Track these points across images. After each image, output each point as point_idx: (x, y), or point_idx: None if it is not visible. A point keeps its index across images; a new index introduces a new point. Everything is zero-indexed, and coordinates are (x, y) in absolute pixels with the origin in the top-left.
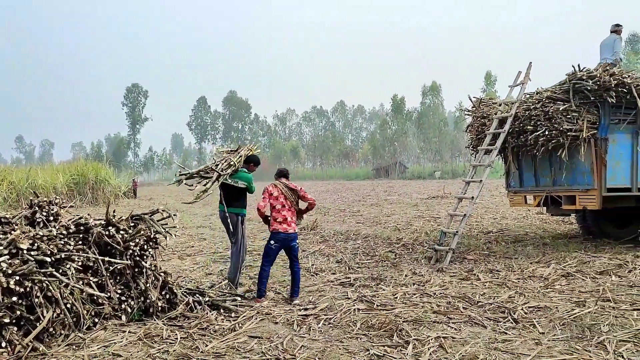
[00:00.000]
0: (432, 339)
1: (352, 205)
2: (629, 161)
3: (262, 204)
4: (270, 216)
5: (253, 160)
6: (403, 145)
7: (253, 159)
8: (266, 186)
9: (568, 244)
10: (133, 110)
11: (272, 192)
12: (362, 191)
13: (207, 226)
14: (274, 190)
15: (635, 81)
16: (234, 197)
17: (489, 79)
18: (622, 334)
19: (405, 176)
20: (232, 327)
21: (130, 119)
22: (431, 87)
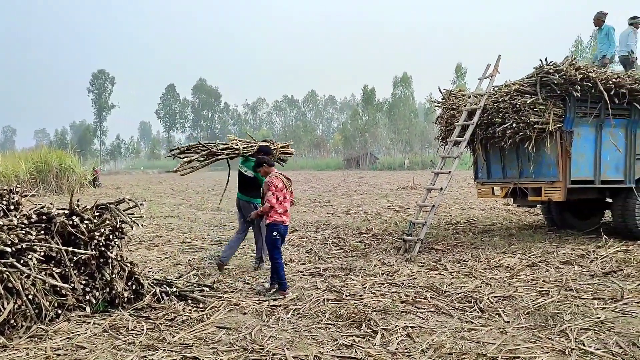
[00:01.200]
0: (399, 329)
1: (322, 195)
2: (593, 154)
3: (274, 201)
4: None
5: (263, 149)
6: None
7: (263, 148)
8: (270, 179)
9: (533, 235)
10: (99, 97)
11: (277, 185)
12: (333, 181)
13: (176, 216)
14: (278, 182)
15: (600, 75)
16: (248, 185)
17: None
18: (583, 322)
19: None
20: (199, 317)
21: (96, 106)
22: (402, 78)
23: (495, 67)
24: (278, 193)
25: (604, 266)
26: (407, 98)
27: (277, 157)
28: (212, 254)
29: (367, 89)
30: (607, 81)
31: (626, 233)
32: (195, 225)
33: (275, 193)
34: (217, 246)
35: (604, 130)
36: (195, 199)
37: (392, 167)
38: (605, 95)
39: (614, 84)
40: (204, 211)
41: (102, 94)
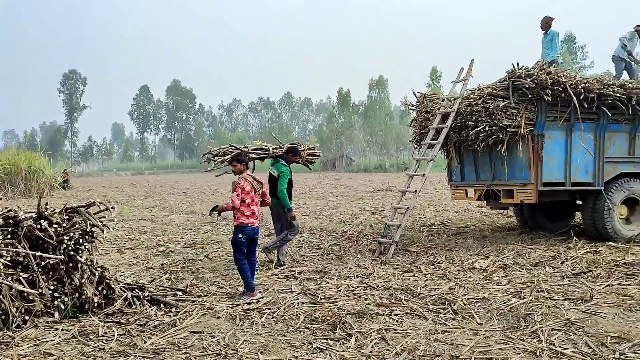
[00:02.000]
0: (374, 331)
1: (298, 197)
2: (563, 157)
3: (237, 202)
4: (237, 210)
5: (292, 150)
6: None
7: (291, 149)
8: (237, 181)
9: (506, 237)
10: (70, 98)
11: (245, 187)
12: (309, 184)
13: (149, 219)
14: (246, 184)
15: (570, 80)
16: (274, 187)
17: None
18: (553, 323)
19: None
20: (172, 322)
21: (67, 107)
22: (378, 80)
23: (469, 70)
24: (245, 195)
25: (574, 267)
26: (382, 101)
27: (305, 159)
28: (185, 257)
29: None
30: (576, 86)
31: (595, 234)
32: (169, 228)
33: (239, 194)
34: (191, 249)
35: (574, 134)
36: (169, 202)
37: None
38: (574, 100)
39: (583, 89)
40: (177, 214)
41: (74, 94)
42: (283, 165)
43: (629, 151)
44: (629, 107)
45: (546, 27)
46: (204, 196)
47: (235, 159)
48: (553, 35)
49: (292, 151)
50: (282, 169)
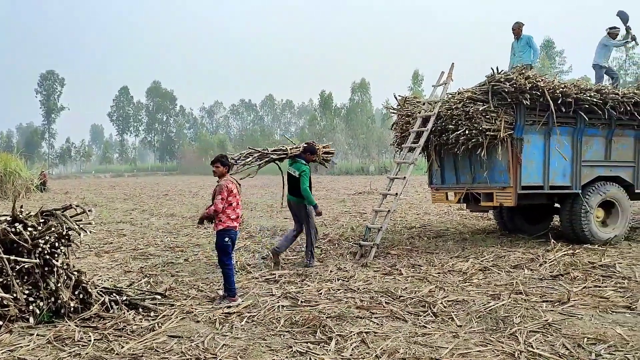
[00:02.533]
0: (354, 334)
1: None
2: (542, 161)
3: (220, 206)
4: (223, 213)
5: (309, 149)
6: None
7: (309, 148)
8: (223, 184)
9: (486, 239)
10: (48, 99)
11: (232, 190)
12: None
13: (128, 221)
14: (233, 187)
15: (548, 85)
16: (295, 186)
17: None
18: (532, 325)
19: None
20: (150, 326)
21: (44, 108)
22: (360, 84)
23: (449, 74)
24: (232, 198)
25: (552, 270)
26: (364, 104)
27: (321, 157)
28: (165, 260)
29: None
30: (554, 90)
31: (573, 237)
32: (149, 231)
33: (224, 198)
34: (171, 252)
35: (552, 138)
36: (149, 204)
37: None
38: (552, 104)
39: (561, 93)
40: (157, 217)
41: (51, 95)
42: (303, 164)
43: (605, 155)
44: (605, 111)
45: (518, 32)
46: (184, 199)
47: (220, 160)
48: (528, 39)
49: (310, 150)
50: (303, 167)
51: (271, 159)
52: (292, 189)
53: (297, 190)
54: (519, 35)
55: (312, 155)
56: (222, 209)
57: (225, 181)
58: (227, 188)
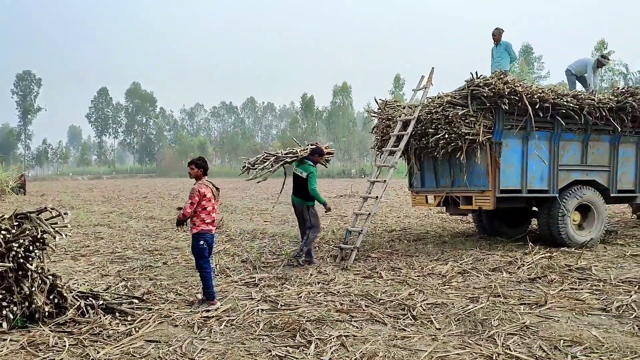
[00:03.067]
0: (334, 338)
1: (260, 203)
2: (520, 165)
3: (189, 210)
4: (197, 217)
5: (317, 151)
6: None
7: (316, 150)
8: (196, 188)
9: (465, 242)
10: (24, 99)
11: (206, 194)
12: (271, 189)
13: (106, 224)
14: (207, 190)
15: (526, 90)
16: (300, 187)
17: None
18: (509, 327)
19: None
20: (127, 331)
21: (20, 109)
22: (342, 87)
23: (429, 79)
24: (206, 202)
25: (530, 272)
26: (346, 107)
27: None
28: (143, 264)
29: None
30: (532, 95)
31: (550, 240)
32: (127, 234)
33: (194, 203)
34: (149, 256)
35: (530, 142)
36: (127, 207)
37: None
38: (530, 109)
39: (538, 98)
40: (136, 219)
41: (28, 96)
42: (311, 165)
43: (581, 159)
44: (581, 116)
45: (498, 38)
46: (164, 201)
47: (194, 162)
48: (507, 45)
49: (318, 152)
50: (311, 169)
51: (285, 161)
52: (297, 189)
53: (302, 191)
54: (499, 41)
55: (320, 157)
56: (197, 213)
57: (199, 185)
58: (198, 192)
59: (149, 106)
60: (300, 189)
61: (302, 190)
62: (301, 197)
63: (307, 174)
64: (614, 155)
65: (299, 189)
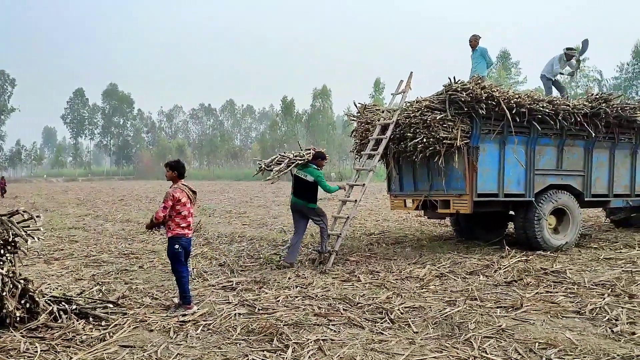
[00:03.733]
0: (311, 342)
1: (238, 206)
2: (497, 169)
3: (161, 214)
4: (172, 221)
5: (320, 155)
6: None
7: (319, 154)
8: (171, 192)
9: (443, 246)
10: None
11: (180, 198)
12: (250, 192)
13: (80, 227)
14: (181, 195)
15: (503, 95)
16: (302, 190)
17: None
18: (486, 330)
19: None
20: (101, 336)
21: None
22: (322, 90)
23: (408, 83)
24: (181, 207)
25: (507, 276)
26: (326, 110)
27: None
28: (118, 267)
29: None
30: (509, 100)
31: (526, 243)
32: (102, 238)
33: (167, 207)
34: (125, 259)
35: (507, 147)
36: (103, 210)
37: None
38: (507, 114)
39: (515, 104)
40: (112, 222)
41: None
42: (316, 169)
43: (557, 164)
44: (557, 122)
45: (474, 44)
46: (141, 204)
47: (169, 164)
48: (483, 51)
49: (321, 157)
50: (317, 172)
51: (297, 163)
52: (299, 192)
53: (305, 193)
54: (475, 47)
55: (323, 160)
56: (172, 217)
57: (174, 189)
58: (172, 197)
59: (126, 107)
60: (302, 191)
61: (305, 192)
62: (304, 199)
63: (314, 178)
64: (588, 160)
65: (301, 191)
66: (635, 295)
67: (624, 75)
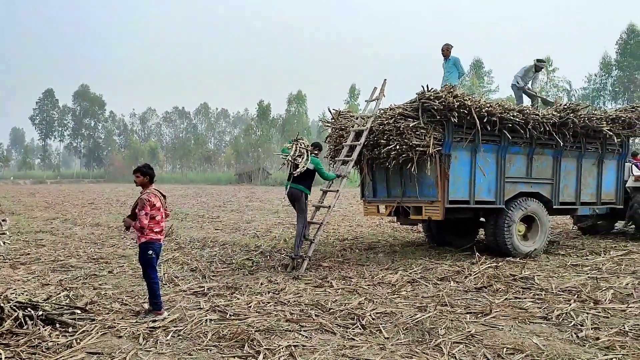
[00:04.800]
0: (283, 348)
1: (211, 210)
2: (468, 176)
3: (145, 222)
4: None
5: (318, 146)
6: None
7: (317, 145)
8: (146, 197)
9: (415, 252)
10: None
11: (155, 203)
12: (224, 196)
13: (48, 231)
14: (156, 200)
15: (475, 104)
16: (301, 177)
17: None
18: (455, 336)
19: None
20: (68, 343)
21: None
22: (297, 95)
23: (381, 90)
24: (155, 212)
25: (477, 282)
26: (301, 115)
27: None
28: (87, 272)
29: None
30: (480, 109)
31: (496, 250)
32: (70, 242)
33: (148, 213)
34: (94, 264)
35: (478, 155)
36: (72, 213)
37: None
38: (477, 122)
39: (486, 112)
40: (81, 226)
41: None
42: (315, 157)
43: (526, 172)
44: (527, 131)
45: (447, 53)
46: (111, 208)
47: (140, 170)
48: (455, 60)
49: (319, 147)
50: (317, 160)
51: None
52: (299, 178)
53: (305, 179)
54: (448, 57)
55: (319, 151)
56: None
57: (148, 194)
58: (149, 202)
59: (97, 109)
60: (301, 177)
61: (305, 179)
62: (303, 185)
63: (314, 165)
64: (557, 168)
65: (300, 178)
66: (599, 301)
67: (592, 86)
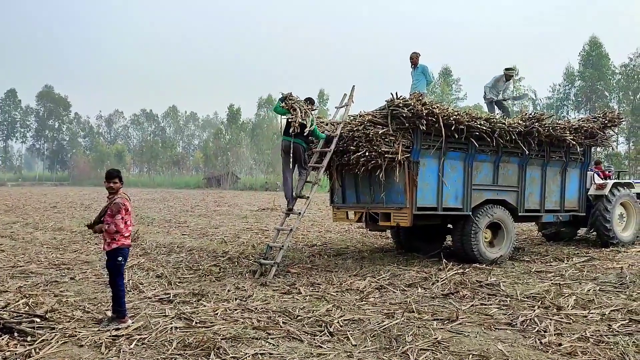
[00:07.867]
0: (249, 356)
1: (179, 215)
2: (436, 184)
3: (122, 226)
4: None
5: (312, 102)
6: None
7: (312, 101)
8: (122, 202)
9: (383, 258)
10: None
11: (128, 208)
12: (191, 201)
13: (7, 236)
14: (128, 204)
15: (443, 112)
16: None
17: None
18: (422, 342)
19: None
20: (26, 352)
21: None
22: (267, 99)
23: (350, 96)
24: (127, 216)
25: (444, 288)
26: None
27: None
28: (48, 279)
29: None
30: (448, 117)
31: (463, 256)
32: (31, 247)
33: (124, 217)
34: (56, 270)
35: (446, 162)
36: (33, 217)
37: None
38: (443, 130)
39: (454, 120)
40: (43, 230)
41: None
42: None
43: (493, 179)
44: (493, 139)
45: (415, 61)
46: (75, 211)
47: (119, 176)
48: (424, 69)
49: (312, 102)
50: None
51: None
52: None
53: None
54: (416, 65)
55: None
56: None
57: (122, 198)
58: (124, 206)
59: (62, 111)
60: (300, 133)
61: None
62: (301, 139)
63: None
64: (522, 176)
65: (299, 134)
66: (562, 308)
67: (556, 96)
